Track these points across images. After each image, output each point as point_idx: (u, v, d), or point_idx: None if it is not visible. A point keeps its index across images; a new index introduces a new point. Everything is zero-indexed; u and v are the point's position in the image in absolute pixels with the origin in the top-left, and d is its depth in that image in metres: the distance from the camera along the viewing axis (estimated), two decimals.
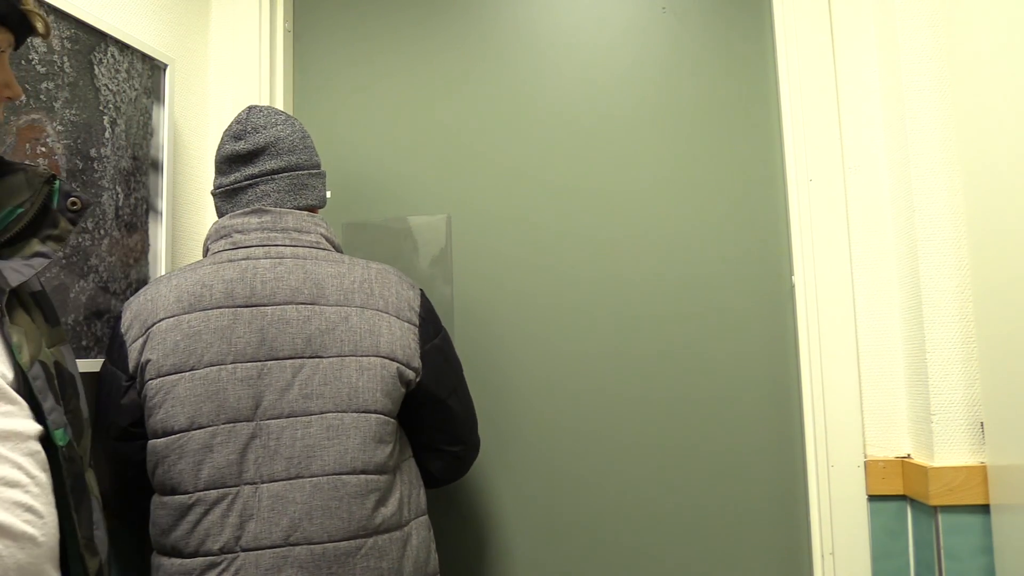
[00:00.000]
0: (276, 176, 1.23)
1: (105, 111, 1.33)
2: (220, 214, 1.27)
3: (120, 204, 1.36)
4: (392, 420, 1.16)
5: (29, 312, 0.78)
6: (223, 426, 1.09)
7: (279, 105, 1.69)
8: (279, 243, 1.19)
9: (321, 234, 1.23)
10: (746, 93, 1.54)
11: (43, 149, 1.20)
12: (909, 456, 1.34)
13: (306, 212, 1.25)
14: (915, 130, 1.28)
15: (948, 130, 1.27)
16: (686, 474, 1.56)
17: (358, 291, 1.17)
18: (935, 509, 1.22)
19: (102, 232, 1.32)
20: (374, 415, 1.13)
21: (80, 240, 1.27)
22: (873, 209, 1.40)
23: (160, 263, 1.46)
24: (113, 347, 1.17)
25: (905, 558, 1.33)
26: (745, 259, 1.52)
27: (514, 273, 1.62)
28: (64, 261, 1.23)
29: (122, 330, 1.16)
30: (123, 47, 1.38)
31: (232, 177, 1.24)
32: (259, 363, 1.11)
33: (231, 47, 1.69)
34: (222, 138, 1.29)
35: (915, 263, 1.28)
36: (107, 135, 1.34)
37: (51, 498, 0.70)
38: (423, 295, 1.25)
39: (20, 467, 0.67)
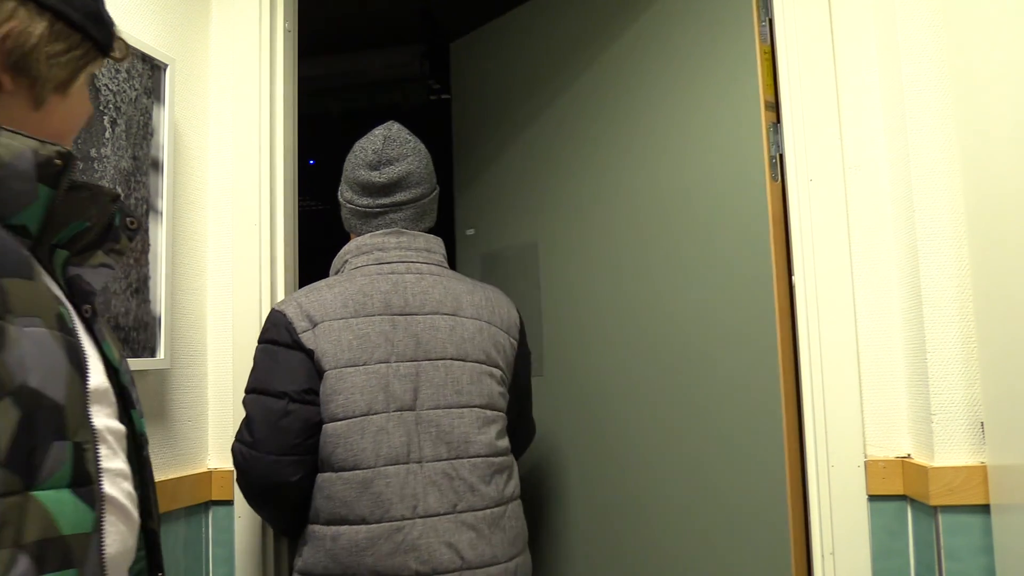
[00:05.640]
0: (404, 207, 1.45)
1: (105, 111, 1.33)
2: (348, 225, 1.50)
3: None
4: (507, 418, 1.45)
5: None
6: (394, 413, 1.31)
7: (279, 105, 1.69)
8: (415, 260, 1.42)
9: (441, 254, 1.48)
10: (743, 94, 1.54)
11: None
12: (909, 456, 1.34)
13: (429, 234, 1.48)
14: (915, 130, 1.28)
15: (948, 130, 1.27)
16: (684, 473, 1.56)
17: (484, 307, 1.43)
18: (935, 509, 1.21)
19: None
20: (501, 413, 1.41)
21: None
22: (873, 209, 1.40)
23: (160, 263, 1.46)
24: (281, 333, 1.33)
25: (905, 558, 1.33)
26: (744, 259, 1.52)
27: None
28: None
29: (290, 320, 1.33)
30: None
31: (365, 202, 1.45)
32: (416, 363, 1.34)
33: (231, 47, 1.69)
34: (356, 157, 1.46)
35: (915, 263, 1.28)
36: (107, 135, 1.34)
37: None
38: (520, 316, 1.52)
39: (127, 461, 0.77)
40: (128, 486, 0.75)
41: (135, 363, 1.38)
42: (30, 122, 0.76)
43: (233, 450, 1.34)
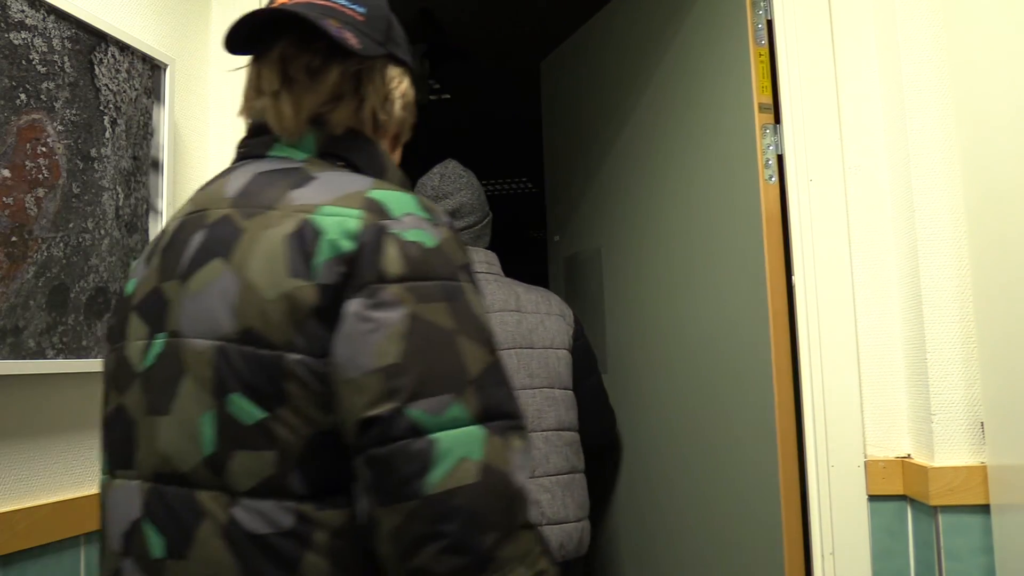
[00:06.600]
0: (460, 233, 1.55)
1: (105, 111, 1.33)
2: None
3: (120, 204, 1.36)
4: (576, 395, 1.68)
5: None
6: None
7: None
8: (482, 271, 1.67)
9: (498, 266, 1.71)
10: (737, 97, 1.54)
11: (43, 149, 1.20)
12: (909, 456, 1.34)
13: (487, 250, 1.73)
14: (915, 130, 1.28)
15: (948, 129, 1.27)
16: (685, 473, 1.56)
17: (541, 302, 1.68)
18: (935, 509, 1.21)
19: (102, 232, 1.31)
20: (568, 391, 1.64)
21: (80, 240, 1.27)
22: (873, 209, 1.40)
23: None
24: None
25: (905, 558, 1.33)
26: (740, 260, 1.52)
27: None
28: (65, 261, 1.23)
29: None
30: (123, 47, 1.38)
31: None
32: None
33: None
34: (418, 192, 1.64)
35: (915, 263, 1.28)
36: (107, 135, 1.34)
37: None
38: (574, 311, 1.74)
39: None
40: None
41: None
42: (390, 159, 0.89)
43: None
